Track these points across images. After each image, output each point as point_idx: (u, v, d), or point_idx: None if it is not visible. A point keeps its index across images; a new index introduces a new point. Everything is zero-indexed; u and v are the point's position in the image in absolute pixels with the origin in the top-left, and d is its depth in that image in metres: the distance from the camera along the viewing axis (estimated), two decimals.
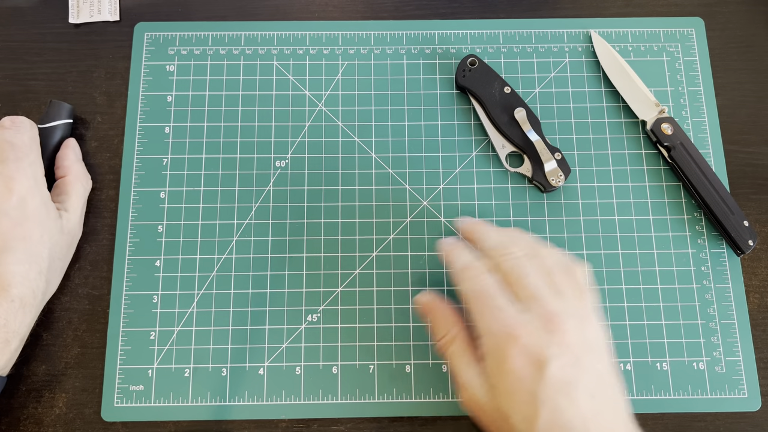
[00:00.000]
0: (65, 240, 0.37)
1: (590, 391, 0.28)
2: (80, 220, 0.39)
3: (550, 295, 0.30)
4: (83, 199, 0.40)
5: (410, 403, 0.38)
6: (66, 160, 0.40)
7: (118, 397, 0.38)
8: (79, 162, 0.40)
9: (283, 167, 0.42)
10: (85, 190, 0.40)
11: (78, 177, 0.39)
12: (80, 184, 0.39)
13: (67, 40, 0.45)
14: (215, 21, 0.45)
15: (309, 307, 0.40)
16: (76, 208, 0.38)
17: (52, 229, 0.35)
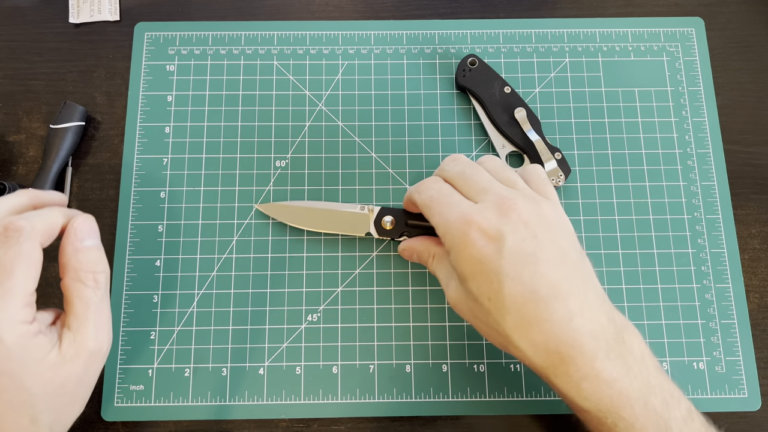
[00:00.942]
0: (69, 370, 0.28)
1: (553, 263, 0.28)
2: (95, 331, 0.29)
3: (501, 186, 0.32)
4: (94, 304, 0.30)
5: (410, 403, 0.38)
6: (62, 254, 0.30)
7: (118, 396, 0.38)
8: (82, 252, 0.30)
9: (283, 167, 0.42)
10: (93, 290, 0.30)
11: (77, 277, 0.29)
12: (82, 285, 0.29)
13: (67, 40, 0.45)
14: (215, 21, 0.45)
15: (309, 306, 0.40)
16: (82, 322, 0.29)
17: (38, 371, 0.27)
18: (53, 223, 0.29)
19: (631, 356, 0.28)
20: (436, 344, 0.39)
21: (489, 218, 0.29)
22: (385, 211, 0.39)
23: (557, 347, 0.27)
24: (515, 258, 0.28)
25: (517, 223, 0.29)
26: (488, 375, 0.39)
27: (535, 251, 0.28)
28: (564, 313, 0.28)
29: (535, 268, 0.28)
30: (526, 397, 0.38)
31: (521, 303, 0.28)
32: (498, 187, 0.31)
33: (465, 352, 0.39)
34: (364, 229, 0.39)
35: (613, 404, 0.28)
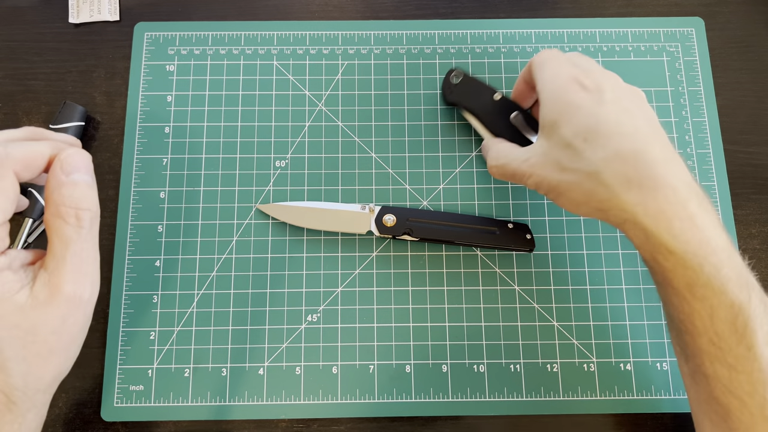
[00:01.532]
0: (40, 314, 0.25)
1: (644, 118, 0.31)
2: (74, 274, 0.26)
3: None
4: (74, 243, 0.26)
5: (410, 404, 0.38)
6: (46, 188, 0.27)
7: (118, 397, 0.38)
8: (66, 186, 0.27)
9: (283, 167, 0.42)
10: (75, 228, 0.26)
11: (57, 212, 0.26)
12: (62, 221, 0.26)
13: (67, 40, 0.45)
14: (215, 21, 0.45)
15: (309, 307, 0.40)
16: (59, 262, 0.26)
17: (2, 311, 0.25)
18: (35, 153, 0.26)
19: (716, 215, 0.29)
20: (436, 344, 0.39)
21: (591, 75, 0.32)
22: (385, 210, 0.39)
23: (653, 184, 0.28)
24: (614, 107, 0.30)
25: (617, 84, 0.32)
26: (488, 375, 0.39)
27: (631, 107, 0.31)
28: (658, 156, 0.29)
29: (633, 118, 0.30)
30: (526, 397, 0.38)
31: (617, 139, 0.29)
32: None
33: (465, 352, 0.39)
34: (365, 228, 0.39)
35: (702, 248, 0.28)
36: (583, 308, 0.40)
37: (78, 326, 0.27)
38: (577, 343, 0.39)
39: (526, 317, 0.40)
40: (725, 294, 0.27)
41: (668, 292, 0.30)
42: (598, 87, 0.31)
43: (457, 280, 0.40)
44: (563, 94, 0.32)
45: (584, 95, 0.31)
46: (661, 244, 0.28)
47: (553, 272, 0.40)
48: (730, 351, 0.28)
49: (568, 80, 0.32)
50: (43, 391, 0.27)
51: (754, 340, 0.27)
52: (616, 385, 0.38)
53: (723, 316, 0.27)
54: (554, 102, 0.32)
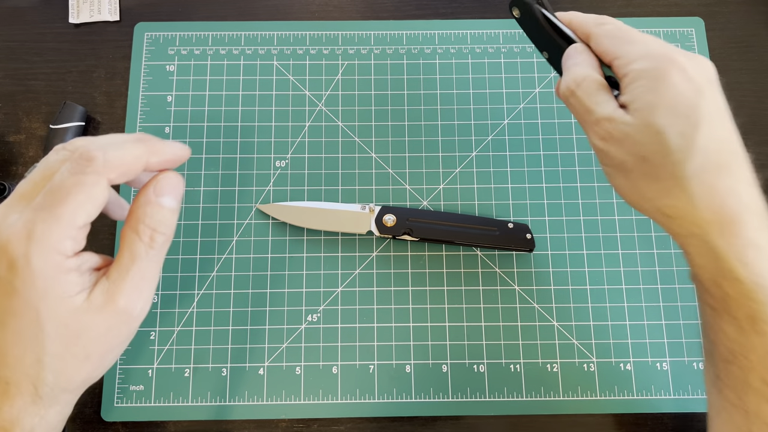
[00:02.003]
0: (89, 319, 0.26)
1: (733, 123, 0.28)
2: (131, 288, 0.27)
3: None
4: (141, 260, 0.27)
5: (410, 404, 0.38)
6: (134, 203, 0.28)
7: (118, 397, 0.38)
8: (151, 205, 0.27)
9: (283, 167, 0.42)
10: (146, 246, 0.27)
11: (135, 227, 0.27)
12: (136, 236, 0.27)
13: (67, 40, 0.45)
14: (215, 21, 0.45)
15: (309, 307, 0.40)
16: (122, 273, 0.27)
17: (58, 308, 0.25)
18: (130, 162, 0.27)
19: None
20: (436, 344, 0.39)
21: (691, 63, 0.28)
22: (385, 210, 0.39)
23: (736, 204, 0.26)
24: (714, 104, 0.27)
25: (712, 75, 0.28)
26: (488, 375, 0.39)
27: (726, 108, 0.28)
28: (747, 173, 0.27)
29: (729, 121, 0.28)
30: (526, 397, 0.38)
31: (715, 147, 0.26)
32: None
33: (465, 352, 0.39)
34: (365, 228, 0.39)
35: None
36: (583, 308, 0.40)
37: (119, 339, 0.28)
38: (577, 343, 0.39)
39: (526, 317, 0.40)
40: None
41: (723, 320, 0.27)
42: (699, 75, 0.28)
43: (457, 280, 0.40)
44: (664, 75, 0.27)
45: (685, 82, 0.27)
46: (729, 270, 0.26)
47: (553, 272, 0.40)
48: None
49: (670, 57, 0.28)
50: (70, 392, 0.28)
51: None
52: (616, 385, 0.38)
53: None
54: (651, 80, 0.27)
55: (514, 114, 0.43)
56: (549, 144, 0.43)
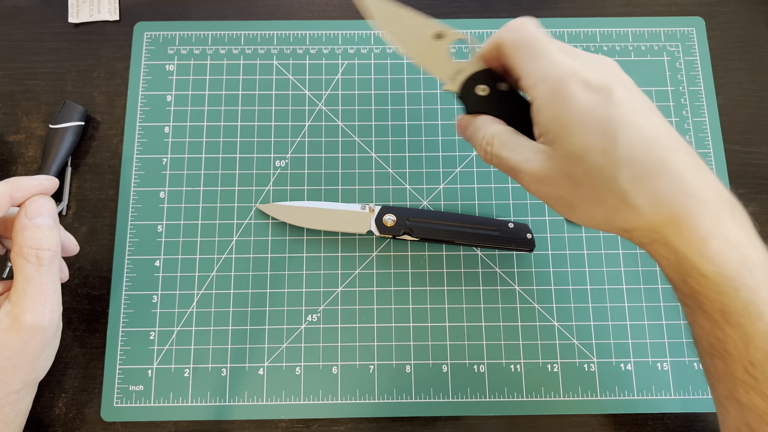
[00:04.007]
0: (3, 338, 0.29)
1: (659, 115, 0.27)
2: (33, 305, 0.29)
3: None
4: (35, 279, 0.30)
5: (410, 403, 0.38)
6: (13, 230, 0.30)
7: (117, 397, 0.38)
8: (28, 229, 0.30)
9: (283, 167, 0.42)
10: (35, 266, 0.30)
11: (21, 252, 0.30)
12: (24, 260, 0.29)
13: (67, 40, 0.45)
14: (215, 20, 0.45)
15: (309, 307, 0.40)
16: (20, 295, 0.29)
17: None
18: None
19: (749, 224, 0.26)
20: (436, 344, 0.39)
21: (591, 70, 0.27)
22: (385, 210, 0.39)
23: (683, 200, 0.25)
24: (628, 106, 0.26)
25: (619, 76, 0.27)
26: (488, 375, 0.39)
27: (644, 103, 0.26)
28: (687, 163, 0.25)
29: (650, 118, 0.26)
30: (526, 397, 0.38)
31: (641, 151, 0.25)
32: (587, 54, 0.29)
33: (465, 352, 0.39)
34: (365, 228, 0.39)
35: (737, 269, 0.25)
36: (583, 308, 0.40)
37: (40, 347, 0.30)
38: (578, 343, 0.39)
39: (526, 317, 0.39)
40: (762, 320, 0.24)
41: (698, 316, 0.27)
42: (603, 82, 0.26)
43: (458, 280, 0.40)
44: (565, 97, 0.26)
45: (590, 96, 0.26)
46: (694, 267, 0.25)
47: (554, 272, 0.40)
48: (766, 381, 0.25)
49: (568, 76, 0.26)
50: (16, 393, 0.31)
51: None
52: (617, 385, 0.38)
53: (759, 344, 0.25)
54: (554, 106, 0.26)
55: None
56: None
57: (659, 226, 0.25)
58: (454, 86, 0.32)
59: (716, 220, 0.25)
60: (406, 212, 0.39)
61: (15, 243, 0.30)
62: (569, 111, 0.26)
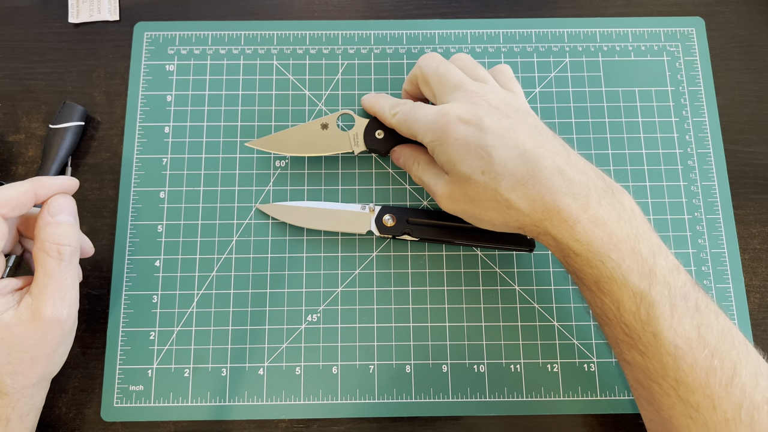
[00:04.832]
0: (22, 330, 0.30)
1: (530, 134, 0.32)
2: (53, 299, 0.31)
3: (472, 82, 0.35)
4: (55, 273, 0.31)
5: (410, 403, 0.38)
6: (35, 226, 0.32)
7: (117, 397, 0.38)
8: (51, 225, 0.32)
9: (283, 167, 0.42)
10: (56, 260, 0.31)
11: (43, 247, 0.31)
12: (45, 255, 0.31)
13: (67, 40, 0.45)
14: (215, 20, 0.45)
15: (309, 307, 0.40)
16: (41, 289, 0.31)
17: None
18: (16, 196, 0.31)
19: (621, 206, 0.31)
20: (436, 344, 0.39)
21: (462, 108, 0.33)
22: (385, 210, 0.39)
23: (552, 197, 0.30)
24: (496, 131, 0.31)
25: (489, 108, 0.33)
26: (488, 375, 0.39)
27: (513, 124, 0.32)
28: (552, 167, 0.31)
29: (516, 136, 0.31)
30: (526, 397, 0.38)
31: (512, 165, 0.31)
32: (469, 83, 0.34)
33: (465, 352, 0.39)
34: (365, 228, 0.39)
35: (603, 245, 0.30)
36: (583, 308, 0.40)
37: (57, 340, 0.32)
38: (578, 343, 0.39)
39: (526, 317, 0.40)
40: (627, 286, 0.29)
41: (582, 289, 0.33)
42: (474, 115, 0.32)
43: (457, 280, 0.40)
44: (447, 135, 0.32)
45: (464, 129, 0.32)
46: (567, 248, 0.31)
47: (554, 272, 0.40)
48: (639, 339, 0.30)
49: (443, 119, 0.33)
50: (32, 386, 0.32)
51: (658, 326, 0.29)
52: (617, 385, 0.38)
53: (628, 307, 0.30)
54: (440, 146, 0.33)
55: None
56: None
57: (538, 220, 0.31)
58: (359, 147, 0.40)
59: (582, 207, 0.30)
60: (406, 212, 0.39)
61: (37, 238, 0.31)
62: (451, 146, 0.32)
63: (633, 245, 0.30)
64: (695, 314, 0.29)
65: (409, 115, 0.36)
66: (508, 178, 0.31)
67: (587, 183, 0.31)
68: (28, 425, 0.33)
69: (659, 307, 0.29)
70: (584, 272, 0.31)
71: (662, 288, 0.29)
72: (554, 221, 0.30)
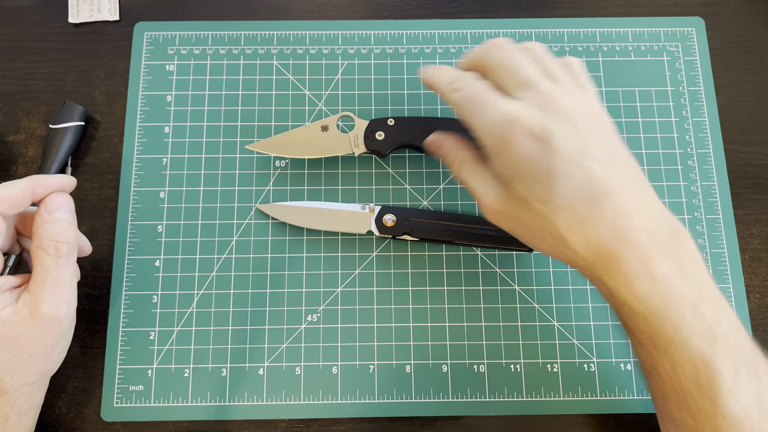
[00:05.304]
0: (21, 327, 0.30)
1: (603, 160, 0.28)
2: (50, 296, 0.31)
3: (544, 79, 0.30)
4: (53, 270, 0.31)
5: (410, 403, 0.38)
6: (33, 224, 0.32)
7: (117, 397, 0.38)
8: (49, 223, 0.31)
9: (282, 167, 0.42)
10: (53, 258, 0.31)
11: (41, 244, 0.31)
12: (43, 252, 0.31)
13: (67, 40, 0.45)
14: (215, 20, 0.45)
15: (309, 307, 0.40)
16: (39, 286, 0.31)
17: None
18: (14, 194, 0.31)
19: (686, 258, 0.28)
20: (436, 344, 0.39)
21: (533, 116, 0.28)
22: (385, 210, 0.39)
23: (612, 244, 0.27)
24: (565, 154, 0.27)
25: (562, 119, 0.28)
26: (488, 375, 0.39)
27: (584, 148, 0.28)
28: (619, 210, 0.27)
29: (587, 164, 0.27)
30: (526, 397, 0.38)
31: (574, 201, 0.27)
32: (541, 81, 0.30)
33: (465, 352, 0.39)
34: (365, 228, 0.39)
35: (664, 305, 0.27)
36: (583, 308, 0.40)
37: (56, 337, 0.32)
38: (578, 343, 0.39)
39: (526, 317, 0.39)
40: (687, 349, 0.27)
41: (633, 341, 0.30)
42: (544, 129, 0.28)
43: (458, 280, 0.40)
44: (509, 148, 0.28)
45: (530, 145, 0.28)
46: (623, 302, 0.28)
47: (554, 272, 0.40)
48: (694, 402, 0.27)
49: (509, 125, 0.28)
50: (30, 384, 0.32)
51: (718, 393, 0.26)
52: (617, 385, 0.38)
53: (686, 370, 0.27)
54: (500, 155, 0.29)
55: None
56: None
57: (593, 265, 0.28)
58: (359, 149, 0.40)
59: (644, 261, 0.27)
60: (406, 212, 0.39)
61: (35, 236, 0.31)
62: (513, 162, 0.28)
63: (695, 303, 0.27)
64: (756, 381, 0.27)
65: (472, 102, 0.30)
66: (567, 212, 0.27)
67: (653, 231, 0.27)
68: (27, 424, 0.33)
69: (720, 373, 0.26)
70: (639, 328, 0.28)
71: (724, 352, 0.27)
72: (611, 271, 0.28)
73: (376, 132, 0.40)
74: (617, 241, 0.27)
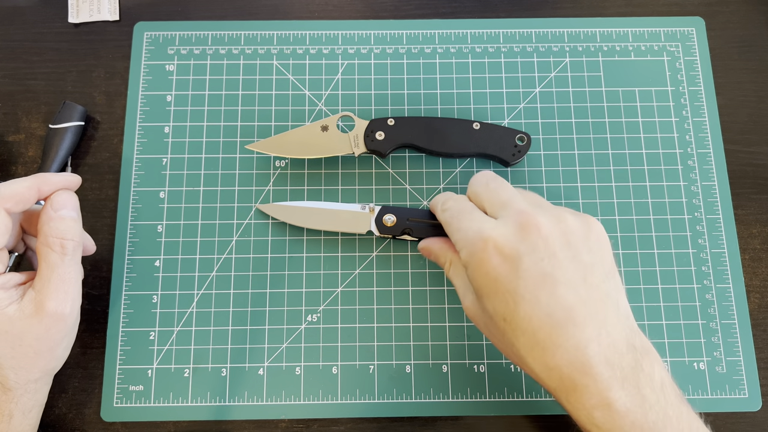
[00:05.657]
0: (26, 324, 0.30)
1: (572, 285, 0.27)
2: (56, 293, 0.31)
3: (523, 200, 0.31)
4: (58, 267, 0.31)
5: (410, 403, 0.38)
6: (39, 221, 0.32)
7: (117, 397, 0.38)
8: (54, 220, 0.32)
9: (282, 167, 0.42)
10: (59, 255, 0.31)
11: (46, 241, 0.31)
12: (49, 249, 0.31)
13: (67, 40, 0.45)
14: (215, 20, 0.45)
15: (309, 307, 0.40)
16: (44, 283, 0.31)
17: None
18: (20, 191, 0.31)
19: (648, 386, 0.27)
20: (436, 344, 0.39)
21: (506, 235, 0.29)
22: (386, 210, 0.39)
23: (571, 374, 0.27)
24: (532, 279, 0.27)
25: (536, 240, 0.28)
26: (488, 375, 0.39)
27: (553, 271, 0.27)
28: (579, 340, 0.27)
29: (553, 290, 0.27)
30: (526, 397, 0.38)
31: (536, 326, 0.27)
32: (520, 200, 0.31)
33: (465, 352, 0.39)
34: (365, 228, 0.39)
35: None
36: None
37: (61, 334, 0.32)
38: None
39: None
40: None
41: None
42: (513, 250, 0.28)
43: None
44: (480, 264, 0.29)
45: (499, 264, 0.28)
46: (584, 427, 0.28)
47: None
48: None
49: (482, 243, 0.29)
50: (35, 381, 0.32)
51: None
52: None
53: None
54: (473, 269, 0.30)
55: (514, 114, 0.43)
56: (549, 144, 0.43)
57: (554, 390, 0.28)
58: (360, 149, 0.40)
59: (604, 392, 0.26)
60: (406, 212, 0.39)
61: (41, 233, 0.31)
62: (483, 277, 0.29)
63: (661, 429, 0.27)
64: None
65: (454, 220, 0.32)
66: (528, 337, 0.27)
67: (613, 361, 0.27)
68: (31, 422, 0.33)
69: None
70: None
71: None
72: (570, 400, 0.27)
73: (376, 132, 0.40)
74: (575, 371, 0.27)
